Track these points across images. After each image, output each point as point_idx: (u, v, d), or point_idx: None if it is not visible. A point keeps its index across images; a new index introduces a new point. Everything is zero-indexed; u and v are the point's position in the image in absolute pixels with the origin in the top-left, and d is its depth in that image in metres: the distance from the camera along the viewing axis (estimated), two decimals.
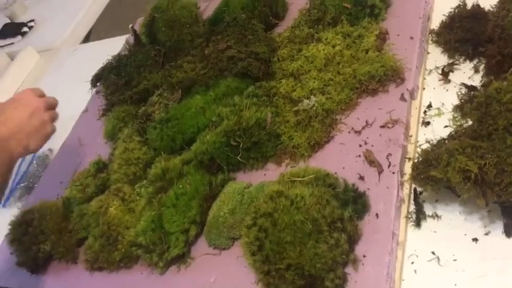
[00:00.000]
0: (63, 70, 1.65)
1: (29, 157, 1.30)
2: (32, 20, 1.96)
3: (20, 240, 0.96)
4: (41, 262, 0.95)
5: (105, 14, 2.04)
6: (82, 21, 1.90)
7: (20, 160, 1.31)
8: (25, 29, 1.92)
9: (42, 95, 0.95)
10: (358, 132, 0.86)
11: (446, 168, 0.67)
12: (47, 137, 0.92)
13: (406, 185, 0.78)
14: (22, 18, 2.03)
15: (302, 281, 0.68)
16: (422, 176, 0.70)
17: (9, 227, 0.99)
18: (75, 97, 1.39)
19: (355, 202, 0.75)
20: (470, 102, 0.74)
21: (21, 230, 0.96)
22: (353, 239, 0.72)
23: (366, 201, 0.76)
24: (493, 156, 0.63)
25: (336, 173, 0.80)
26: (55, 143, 1.29)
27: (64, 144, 1.24)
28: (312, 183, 0.77)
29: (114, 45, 1.43)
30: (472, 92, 0.80)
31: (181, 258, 0.84)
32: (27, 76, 1.71)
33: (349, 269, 0.70)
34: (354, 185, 0.78)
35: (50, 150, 1.30)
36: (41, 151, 1.30)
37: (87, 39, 1.92)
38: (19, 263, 0.96)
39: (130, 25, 1.27)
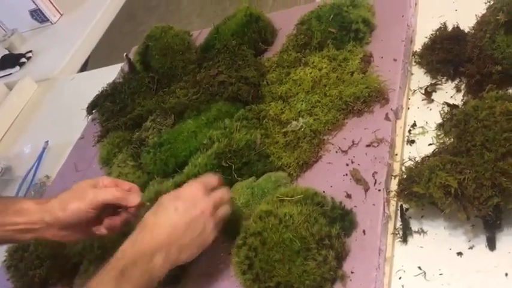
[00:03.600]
0: (60, 99, 1.68)
1: (25, 184, 1.32)
2: (30, 51, 2.01)
3: (16, 266, 0.97)
4: (37, 287, 0.96)
5: (103, 42, 2.09)
6: (79, 50, 1.95)
7: (17, 187, 1.33)
8: (23, 59, 1.97)
9: (213, 187, 0.78)
10: (345, 152, 0.88)
11: (428, 184, 0.69)
12: (204, 247, 0.74)
13: (393, 202, 0.80)
14: (20, 49, 2.08)
15: None
16: (406, 192, 0.72)
17: (6, 253, 1.00)
18: (72, 124, 1.42)
19: (342, 219, 0.77)
20: (451, 120, 0.77)
21: (17, 256, 0.98)
22: (341, 256, 0.74)
23: (353, 218, 0.78)
24: (472, 172, 0.66)
25: (324, 191, 0.82)
26: (52, 170, 1.32)
27: (60, 170, 1.27)
28: (300, 202, 0.78)
29: (110, 73, 1.47)
30: (453, 111, 0.83)
31: (175, 279, 0.85)
32: (25, 105, 1.74)
33: (337, 286, 0.72)
34: (341, 202, 0.79)
35: (47, 176, 1.32)
36: (37, 178, 1.33)
37: (84, 67, 1.96)
38: None
39: (125, 53, 1.31)
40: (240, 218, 0.83)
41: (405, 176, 0.75)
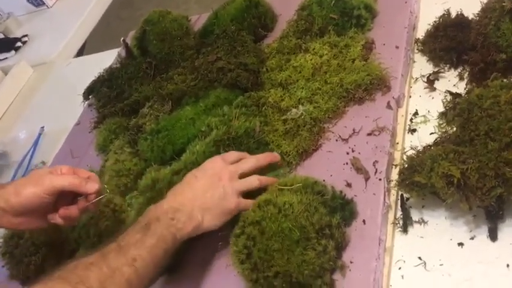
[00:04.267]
0: (56, 84, 1.66)
1: (21, 170, 1.31)
2: (26, 35, 1.98)
3: (11, 254, 0.96)
4: (32, 274, 0.95)
5: (100, 27, 2.06)
6: (75, 35, 1.92)
7: (12, 173, 1.32)
8: (19, 44, 1.94)
9: (234, 161, 0.82)
10: (346, 140, 0.87)
11: (430, 173, 0.68)
12: (228, 213, 0.77)
13: (393, 192, 0.79)
14: (16, 33, 2.05)
15: None
16: (407, 182, 0.71)
17: (1, 240, 0.99)
18: (68, 110, 1.41)
19: (342, 209, 0.76)
20: (454, 109, 0.76)
21: (12, 243, 0.96)
22: (341, 246, 0.73)
23: (354, 208, 0.77)
24: (475, 161, 0.64)
25: (324, 180, 0.81)
26: (48, 156, 1.30)
27: (56, 156, 1.25)
28: (300, 190, 0.77)
29: (107, 58, 1.45)
30: (456, 99, 0.82)
31: (173, 268, 0.84)
32: (21, 90, 1.72)
33: (336, 276, 0.71)
34: (341, 192, 0.78)
35: (43, 162, 1.31)
36: (33, 164, 1.32)
37: (81, 52, 1.93)
38: (11, 276, 0.96)
39: (122, 38, 1.29)
40: None
41: (406, 165, 0.74)
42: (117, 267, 0.64)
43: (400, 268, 0.71)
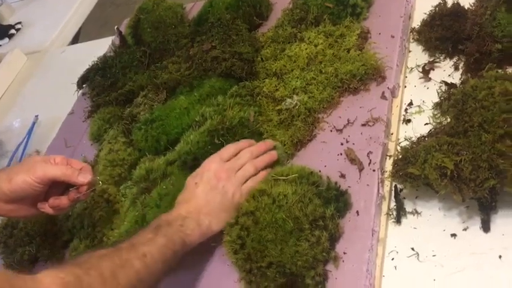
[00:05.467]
0: (50, 72, 1.64)
1: (15, 159, 1.30)
2: (19, 22, 1.95)
3: (5, 243, 0.96)
4: (26, 264, 0.95)
5: (95, 14, 2.04)
6: (69, 22, 1.90)
7: (7, 162, 1.31)
8: (12, 31, 1.92)
9: (230, 157, 0.82)
10: (340, 131, 0.86)
11: (423, 165, 0.68)
12: (234, 208, 0.77)
13: (387, 182, 0.79)
14: (9, 20, 2.02)
15: (283, 278, 0.69)
16: (401, 173, 0.71)
17: None
18: (62, 99, 1.40)
19: (337, 200, 0.76)
20: (448, 100, 0.75)
21: (6, 232, 0.97)
22: (334, 237, 0.73)
23: (348, 199, 0.77)
24: (469, 153, 0.64)
25: (320, 171, 0.81)
26: (42, 145, 1.30)
27: (50, 146, 1.24)
28: (295, 181, 0.77)
29: (102, 46, 1.44)
30: (451, 90, 0.81)
31: None
32: (15, 78, 1.70)
33: (329, 267, 0.71)
34: (336, 183, 0.78)
35: (37, 151, 1.30)
36: (27, 153, 1.31)
37: (76, 39, 1.91)
38: (5, 266, 0.96)
39: (116, 26, 1.27)
40: None
41: (400, 157, 0.74)
42: (128, 259, 0.66)
43: (393, 259, 0.71)
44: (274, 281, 0.69)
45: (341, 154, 0.83)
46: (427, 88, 0.89)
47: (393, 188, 0.77)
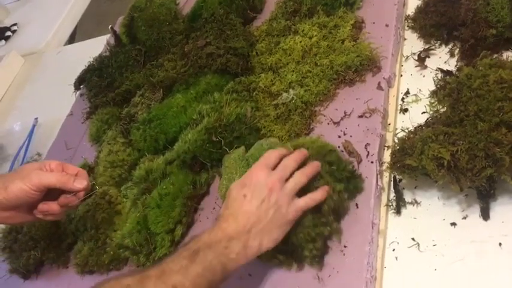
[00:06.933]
0: (48, 73, 1.64)
1: (17, 163, 1.31)
2: (15, 24, 1.95)
3: (10, 248, 0.97)
4: (32, 268, 0.96)
5: (91, 12, 2.03)
6: (65, 22, 1.89)
7: (9, 166, 1.32)
8: (8, 33, 1.91)
9: (275, 163, 0.73)
10: (337, 123, 0.86)
11: (420, 156, 0.67)
12: (288, 224, 0.70)
13: (386, 174, 0.79)
14: (5, 22, 2.02)
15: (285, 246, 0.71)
16: (398, 165, 0.71)
17: (0, 235, 1.00)
18: (61, 100, 1.40)
19: (348, 182, 0.76)
20: (444, 89, 0.75)
21: (11, 237, 0.97)
22: (339, 213, 0.73)
23: (359, 183, 0.76)
24: (465, 143, 0.64)
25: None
26: (43, 147, 1.30)
27: (51, 149, 1.25)
28: (311, 156, 0.76)
29: (98, 45, 1.44)
30: (446, 78, 0.81)
31: None
32: (13, 81, 1.71)
33: (331, 259, 0.71)
34: (353, 166, 0.77)
35: (38, 154, 1.31)
36: (29, 156, 1.32)
37: (72, 39, 1.91)
38: (11, 270, 0.97)
39: (110, 26, 1.27)
40: None
41: (398, 148, 0.74)
42: None
43: (393, 250, 0.72)
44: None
45: (339, 147, 0.83)
46: (423, 76, 0.88)
47: (392, 179, 0.77)
